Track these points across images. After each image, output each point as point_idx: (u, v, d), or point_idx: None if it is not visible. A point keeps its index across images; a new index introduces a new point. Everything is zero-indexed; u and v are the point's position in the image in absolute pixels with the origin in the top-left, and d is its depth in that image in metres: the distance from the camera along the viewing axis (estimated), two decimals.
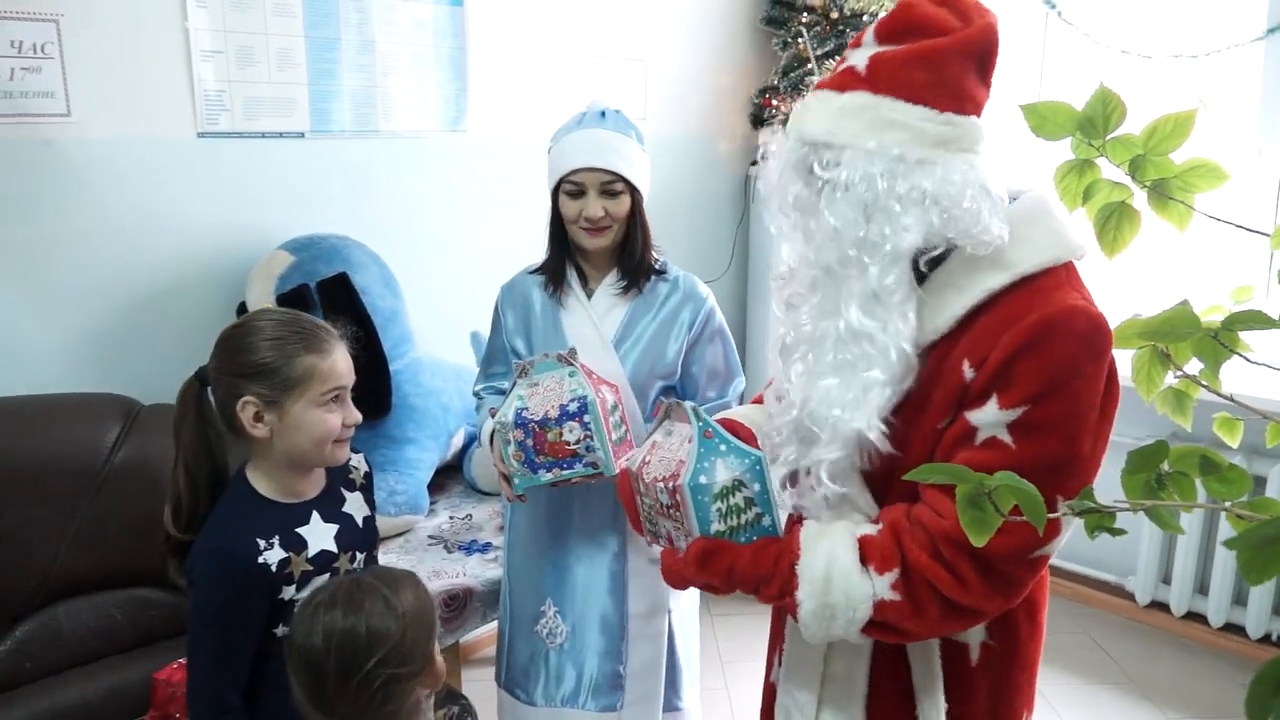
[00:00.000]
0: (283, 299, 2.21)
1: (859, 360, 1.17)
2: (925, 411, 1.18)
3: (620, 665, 1.84)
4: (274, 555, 1.39)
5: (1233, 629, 3.09)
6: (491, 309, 1.95)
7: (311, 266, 2.23)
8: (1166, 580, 3.21)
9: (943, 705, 1.26)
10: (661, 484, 1.24)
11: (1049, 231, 1.19)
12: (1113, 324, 1.20)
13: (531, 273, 1.91)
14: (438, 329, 2.67)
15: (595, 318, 1.81)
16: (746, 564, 1.21)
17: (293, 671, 1.27)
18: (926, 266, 1.19)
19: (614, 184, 1.73)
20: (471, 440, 2.54)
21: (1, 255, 2.05)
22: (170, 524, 1.44)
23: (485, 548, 2.16)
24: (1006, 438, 1.12)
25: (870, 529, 1.21)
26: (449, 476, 2.56)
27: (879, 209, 1.14)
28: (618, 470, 1.62)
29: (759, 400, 1.55)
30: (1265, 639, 3.01)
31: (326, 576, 1.43)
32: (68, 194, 2.12)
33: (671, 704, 1.90)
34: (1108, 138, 1.36)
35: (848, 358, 1.18)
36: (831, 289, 1.19)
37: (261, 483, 1.44)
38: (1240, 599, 3.05)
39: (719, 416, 1.46)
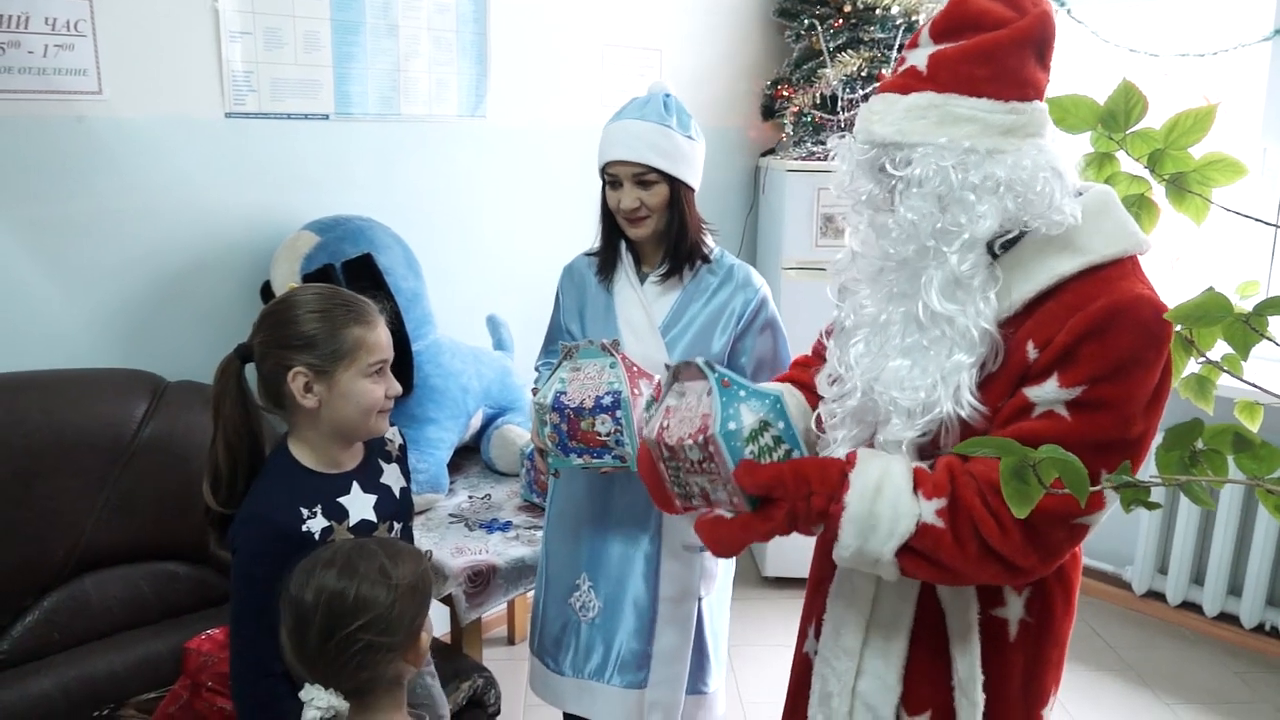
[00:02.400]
0: (308, 279, 2.24)
1: (936, 343, 1.21)
2: (988, 390, 1.21)
3: (648, 645, 1.87)
4: (317, 524, 1.42)
5: (1227, 618, 3.15)
6: (508, 293, 2.01)
7: (337, 247, 2.26)
8: (1163, 570, 3.27)
9: (979, 678, 1.29)
10: (690, 440, 1.27)
11: (1117, 223, 1.22)
12: None
13: (588, 255, 1.94)
14: (455, 312, 2.70)
15: (645, 303, 1.83)
16: (797, 471, 1.23)
17: (283, 622, 1.28)
18: (1000, 249, 1.23)
19: (646, 175, 1.75)
20: (490, 421, 2.58)
21: (34, 232, 2.06)
22: (209, 497, 1.47)
23: (506, 526, 2.20)
24: (1064, 412, 1.15)
25: (924, 466, 1.24)
26: (466, 457, 2.59)
27: (954, 200, 1.18)
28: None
29: (785, 378, 1.59)
30: (1259, 628, 3.08)
31: None
32: (98, 172, 2.14)
33: (697, 687, 1.93)
34: (1128, 131, 1.41)
35: (923, 341, 1.21)
36: (906, 273, 1.23)
37: (304, 454, 1.47)
38: (1235, 589, 3.12)
39: (761, 385, 1.50)
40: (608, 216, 1.85)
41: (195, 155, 2.28)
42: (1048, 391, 1.17)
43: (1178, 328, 1.23)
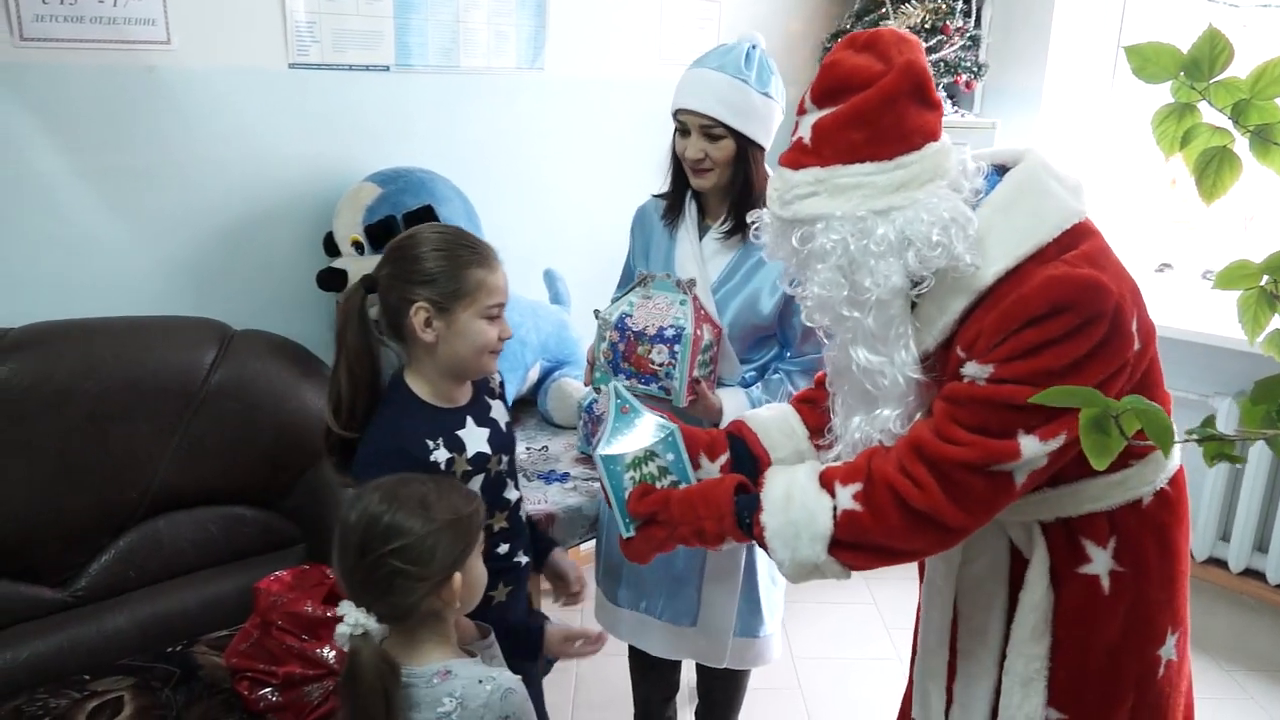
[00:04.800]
0: (370, 230, 2.26)
1: (876, 395, 1.28)
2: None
3: (697, 587, 1.90)
4: (441, 455, 1.47)
5: None
6: (565, 247, 2.01)
7: (398, 199, 2.27)
8: (1225, 537, 3.21)
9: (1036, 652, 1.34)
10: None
11: (1029, 214, 1.23)
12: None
13: (657, 197, 1.93)
14: (513, 265, 2.68)
15: (701, 259, 1.82)
16: (684, 498, 1.35)
17: (335, 539, 1.31)
18: (916, 297, 1.26)
19: (714, 128, 1.73)
20: (546, 375, 2.59)
21: (106, 181, 2.10)
22: (331, 421, 1.51)
23: (564, 477, 2.22)
24: (981, 382, 1.20)
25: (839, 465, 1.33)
26: (524, 410, 2.61)
27: (857, 267, 1.21)
28: (685, 404, 1.70)
29: (799, 399, 1.62)
30: None
31: (483, 477, 1.52)
32: (166, 121, 2.17)
33: (752, 630, 1.96)
34: (1212, 81, 1.36)
35: (868, 390, 1.28)
36: (839, 334, 1.29)
37: (421, 388, 1.51)
38: None
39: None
40: (677, 162, 1.83)
41: (259, 106, 2.30)
42: (970, 369, 1.21)
43: (1263, 281, 1.20)
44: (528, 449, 2.40)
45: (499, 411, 1.62)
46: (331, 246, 2.35)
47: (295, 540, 2.20)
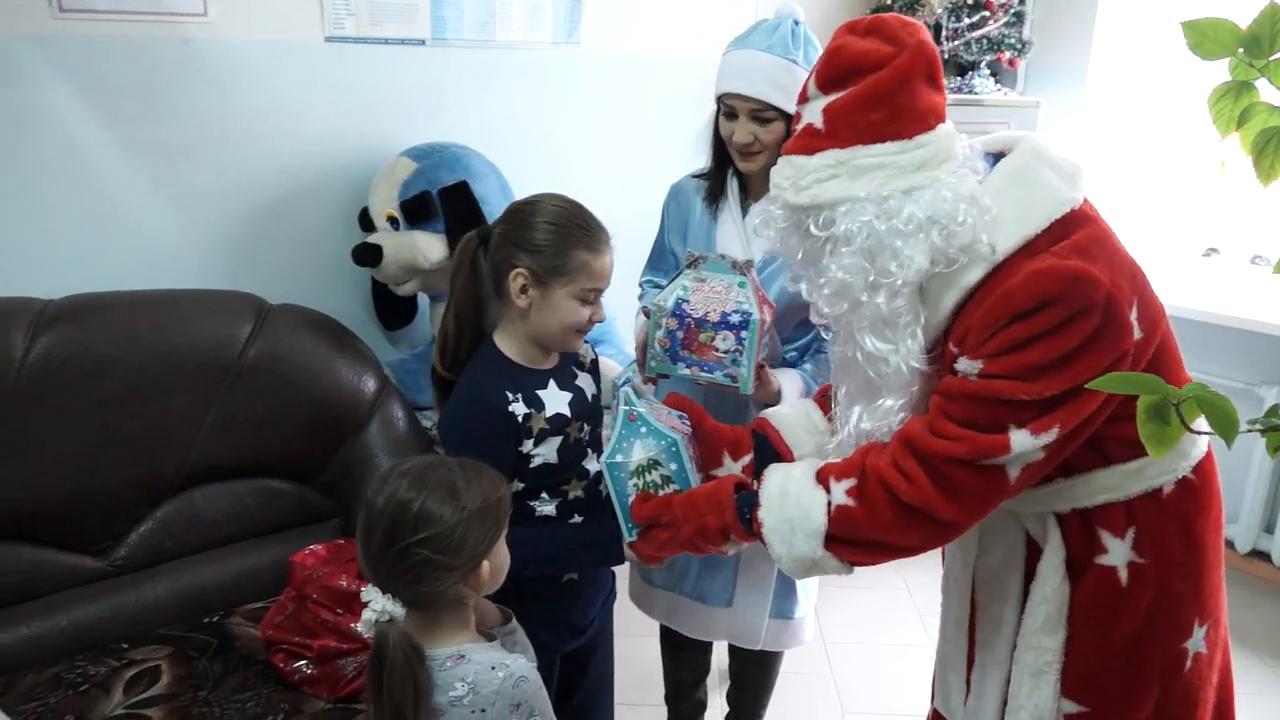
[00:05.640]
0: (405, 205, 2.25)
1: (878, 385, 1.27)
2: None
3: (733, 567, 1.89)
4: (519, 408, 1.49)
5: None
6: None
7: (434, 174, 2.26)
8: (1269, 529, 3.15)
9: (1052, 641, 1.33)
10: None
11: (1018, 205, 1.21)
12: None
13: (695, 176, 1.90)
14: None
15: (745, 238, 1.79)
16: (687, 499, 1.37)
17: (359, 522, 1.30)
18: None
19: (764, 111, 1.68)
20: None
21: (144, 155, 2.11)
22: (438, 363, 1.56)
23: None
24: (973, 377, 1.19)
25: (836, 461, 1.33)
26: None
27: (881, 249, 1.20)
28: (753, 391, 1.67)
29: (826, 389, 1.60)
30: None
31: (560, 439, 1.52)
32: (203, 95, 2.17)
33: (787, 611, 1.95)
34: (1272, 58, 1.31)
35: (869, 379, 1.28)
36: (849, 322, 1.27)
37: (509, 347, 1.53)
38: None
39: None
40: (719, 144, 1.80)
41: (296, 79, 2.30)
42: (962, 364, 1.21)
43: None
44: None
45: (585, 382, 1.63)
46: (367, 221, 2.34)
47: (330, 514, 2.21)
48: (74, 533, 1.95)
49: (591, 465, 1.59)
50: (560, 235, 1.47)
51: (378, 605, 1.22)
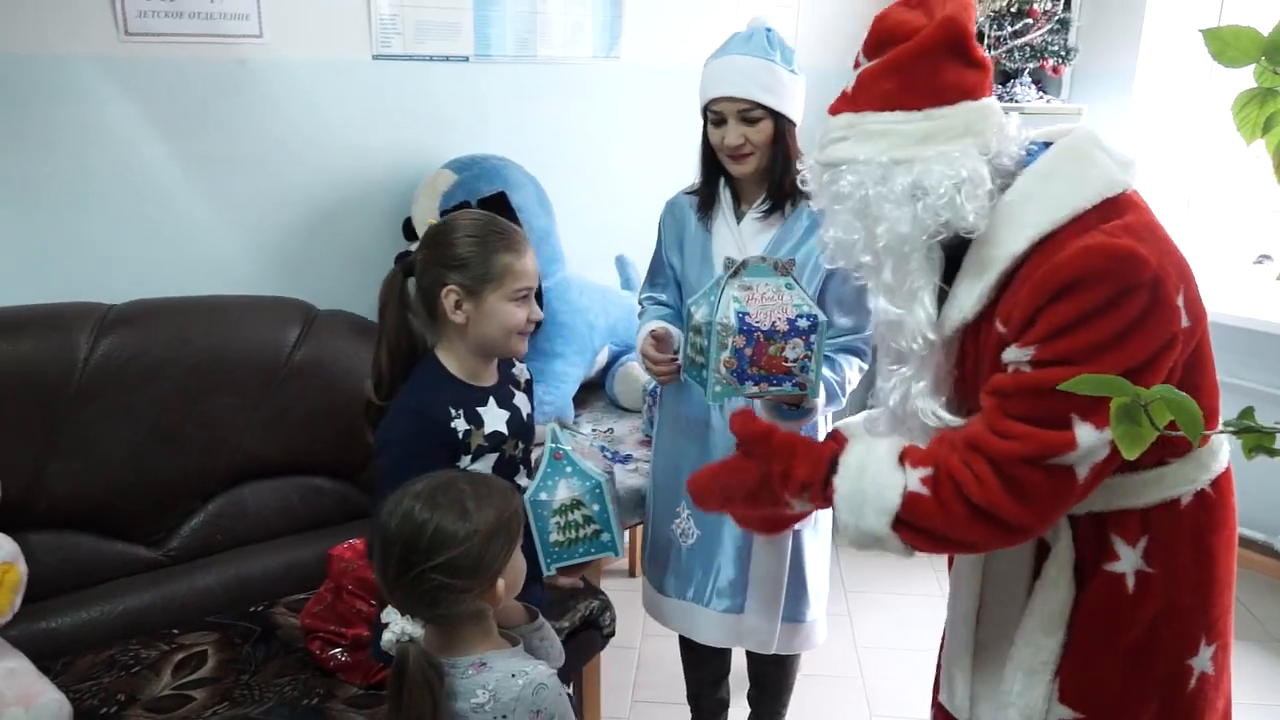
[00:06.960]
0: (447, 215, 2.33)
1: (898, 353, 1.30)
2: (986, 380, 1.25)
3: (744, 572, 1.92)
4: (460, 424, 1.53)
5: None
6: (636, 234, 2.04)
7: (473, 185, 2.35)
8: None
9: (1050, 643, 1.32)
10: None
11: (1070, 180, 1.20)
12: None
13: (688, 193, 1.96)
14: (584, 251, 2.76)
15: (741, 243, 1.84)
16: (788, 438, 1.36)
17: (374, 543, 1.31)
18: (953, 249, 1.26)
19: (751, 111, 1.73)
20: (615, 359, 2.64)
21: (201, 168, 2.23)
22: (371, 394, 1.60)
23: (626, 459, 2.26)
24: (1026, 368, 1.18)
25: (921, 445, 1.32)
26: (591, 393, 2.67)
27: (870, 212, 1.23)
28: (819, 395, 1.65)
29: None
30: None
31: (496, 456, 1.57)
32: (258, 111, 2.29)
33: (798, 615, 1.97)
34: None
35: (893, 346, 1.30)
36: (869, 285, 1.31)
37: (451, 363, 1.58)
38: None
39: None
40: (708, 155, 1.85)
41: (345, 96, 2.40)
42: (1011, 354, 1.20)
43: None
44: (593, 430, 2.46)
45: (521, 401, 1.67)
46: (410, 231, 2.44)
47: (369, 512, 2.29)
48: (130, 524, 2.07)
49: (523, 480, 1.63)
50: (481, 244, 1.52)
51: (397, 627, 1.26)
